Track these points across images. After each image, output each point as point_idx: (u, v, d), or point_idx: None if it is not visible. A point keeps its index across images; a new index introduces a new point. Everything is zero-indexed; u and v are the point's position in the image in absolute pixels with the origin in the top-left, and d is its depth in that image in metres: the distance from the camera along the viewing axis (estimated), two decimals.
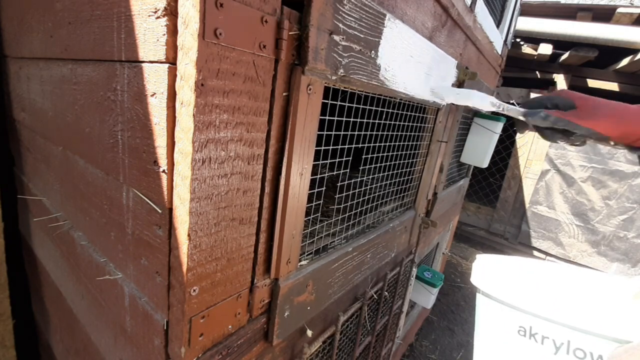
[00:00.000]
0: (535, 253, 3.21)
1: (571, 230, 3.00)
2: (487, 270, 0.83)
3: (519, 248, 3.30)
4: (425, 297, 1.51)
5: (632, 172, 2.70)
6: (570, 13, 2.94)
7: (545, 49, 2.74)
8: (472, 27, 1.10)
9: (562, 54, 2.80)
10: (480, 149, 1.54)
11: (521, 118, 0.65)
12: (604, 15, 2.78)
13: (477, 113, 1.57)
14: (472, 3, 1.04)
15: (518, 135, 3.20)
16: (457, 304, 2.53)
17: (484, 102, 0.71)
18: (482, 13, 1.17)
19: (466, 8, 0.99)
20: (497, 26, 1.49)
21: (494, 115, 1.52)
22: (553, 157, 3.01)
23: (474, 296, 2.66)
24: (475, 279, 0.82)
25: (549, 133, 0.64)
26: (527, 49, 2.93)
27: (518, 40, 2.98)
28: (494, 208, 3.44)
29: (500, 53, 1.63)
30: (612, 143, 0.60)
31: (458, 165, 1.70)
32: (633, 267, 2.76)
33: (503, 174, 3.38)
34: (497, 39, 1.47)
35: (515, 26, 1.84)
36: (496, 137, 1.52)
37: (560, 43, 2.70)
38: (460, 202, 1.98)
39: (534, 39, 2.92)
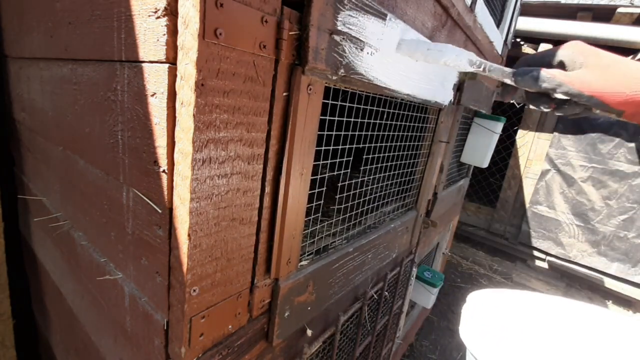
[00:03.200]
0: (536, 253, 3.21)
1: (571, 230, 2.99)
2: (478, 320, 0.69)
3: (519, 248, 3.29)
4: (426, 297, 1.51)
5: (632, 172, 2.70)
6: (570, 13, 2.94)
7: (546, 49, 2.73)
8: (472, 27, 1.10)
9: None
10: (480, 149, 1.54)
11: (508, 81, 0.51)
12: (604, 15, 2.78)
13: (477, 113, 1.57)
14: (472, 3, 1.04)
15: (518, 135, 3.20)
16: (457, 304, 2.53)
17: (460, 59, 0.56)
18: (482, 13, 1.17)
19: (466, 8, 0.99)
20: (497, 26, 1.49)
21: (494, 115, 1.52)
22: (553, 157, 3.01)
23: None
24: (464, 332, 0.67)
25: (536, 97, 0.49)
26: (527, 49, 2.93)
27: (518, 40, 2.98)
28: (494, 208, 3.44)
29: (500, 53, 1.62)
30: (621, 118, 0.45)
31: (458, 165, 1.70)
32: (633, 267, 2.76)
33: (503, 174, 3.38)
34: (497, 39, 1.47)
35: (515, 26, 1.84)
36: (496, 137, 1.52)
37: (561, 43, 2.70)
38: (460, 202, 1.98)
39: (534, 39, 2.92)
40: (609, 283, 2.87)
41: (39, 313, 1.17)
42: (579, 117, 2.85)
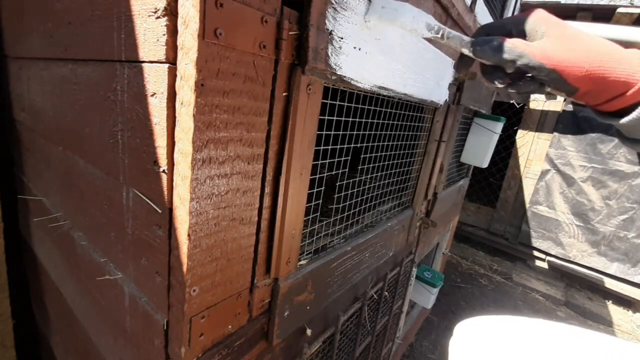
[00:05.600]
0: (535, 253, 3.21)
1: (571, 230, 2.99)
2: (468, 355, 0.62)
3: (519, 248, 3.30)
4: (426, 297, 1.51)
5: (632, 172, 2.70)
6: (570, 13, 2.95)
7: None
8: (472, 27, 1.10)
9: None
10: (480, 149, 1.54)
11: (465, 51, 0.46)
12: (604, 15, 2.78)
13: (477, 113, 1.57)
14: (472, 3, 1.04)
15: (518, 135, 3.20)
16: (457, 304, 2.53)
17: (417, 22, 0.50)
18: (482, 13, 1.17)
19: (466, 8, 0.99)
20: None
21: (494, 115, 1.52)
22: (553, 157, 3.01)
23: (474, 296, 2.66)
24: None
25: (491, 71, 0.45)
26: None
27: None
28: (494, 208, 3.44)
29: None
30: (572, 98, 0.42)
31: (458, 165, 1.70)
32: (633, 267, 2.76)
33: (503, 174, 3.38)
34: None
35: None
36: (496, 137, 1.52)
37: None
38: (460, 202, 1.98)
39: None
40: (609, 283, 2.87)
41: (39, 313, 1.17)
42: (579, 113, 2.83)
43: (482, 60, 0.44)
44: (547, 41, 0.40)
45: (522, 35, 0.43)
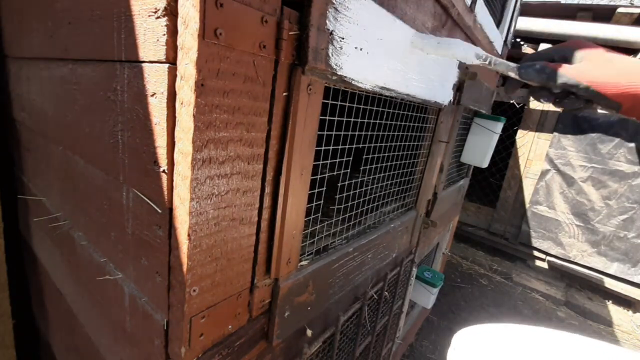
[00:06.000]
0: (535, 253, 3.21)
1: (571, 230, 2.99)
2: None
3: (519, 248, 3.29)
4: (426, 297, 1.51)
5: (632, 172, 2.70)
6: (570, 13, 2.95)
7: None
8: (472, 27, 1.10)
9: None
10: (480, 149, 1.54)
11: (512, 75, 0.53)
12: (604, 15, 2.78)
13: (477, 113, 1.57)
14: (472, 3, 1.04)
15: (518, 135, 3.20)
16: (457, 304, 2.53)
17: (467, 53, 0.60)
18: (482, 13, 1.17)
19: (466, 8, 0.99)
20: (497, 26, 1.49)
21: (494, 115, 1.52)
22: (553, 157, 3.01)
23: (474, 296, 2.66)
24: None
25: (537, 90, 0.51)
26: (527, 49, 2.93)
27: (518, 40, 2.98)
28: (494, 208, 3.43)
29: (500, 53, 1.62)
30: (619, 113, 0.46)
31: (458, 165, 1.70)
32: (633, 267, 2.76)
33: (503, 174, 3.38)
34: (497, 39, 1.47)
35: (515, 26, 1.84)
36: (496, 137, 1.52)
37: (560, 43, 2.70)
38: (460, 202, 1.98)
39: (534, 39, 2.92)
40: (609, 283, 2.87)
41: (39, 313, 1.17)
42: (579, 114, 2.84)
43: (527, 81, 0.51)
44: (585, 63, 0.46)
45: (564, 61, 0.49)
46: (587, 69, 0.45)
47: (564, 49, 0.50)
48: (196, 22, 0.34)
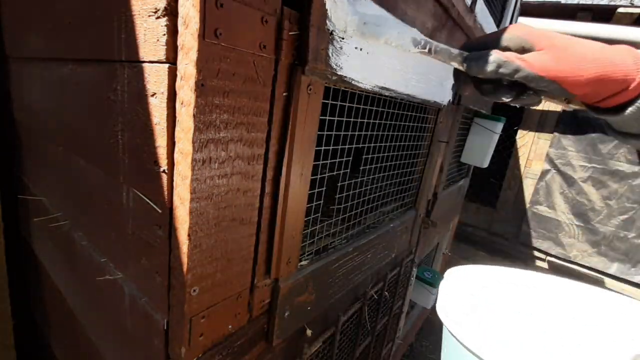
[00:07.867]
0: (536, 253, 3.20)
1: (571, 231, 2.99)
2: (455, 296, 0.65)
3: (519, 248, 3.29)
4: (425, 297, 1.51)
5: (632, 172, 2.70)
6: (570, 13, 2.94)
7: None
8: (473, 27, 1.10)
9: None
10: (480, 149, 1.54)
11: (455, 65, 0.43)
12: (604, 15, 2.78)
13: (477, 113, 1.57)
14: (473, 3, 1.04)
15: (518, 135, 3.20)
16: None
17: (403, 38, 0.46)
18: (482, 13, 1.17)
19: (466, 8, 0.99)
20: (497, 26, 1.49)
21: (494, 115, 1.52)
22: (553, 157, 3.01)
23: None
24: (441, 308, 0.63)
25: (490, 89, 0.43)
26: None
27: None
28: (494, 208, 3.43)
29: None
30: (569, 104, 0.42)
31: (458, 165, 1.70)
32: (633, 267, 2.76)
33: (503, 174, 3.37)
34: None
35: None
36: (496, 137, 1.52)
37: None
38: (460, 202, 1.98)
39: None
40: (609, 283, 2.87)
41: (39, 313, 1.17)
42: (579, 114, 2.84)
43: (478, 74, 0.42)
44: (540, 53, 0.40)
45: (507, 50, 0.41)
46: (547, 61, 0.39)
47: (504, 36, 0.42)
48: (196, 22, 0.34)
